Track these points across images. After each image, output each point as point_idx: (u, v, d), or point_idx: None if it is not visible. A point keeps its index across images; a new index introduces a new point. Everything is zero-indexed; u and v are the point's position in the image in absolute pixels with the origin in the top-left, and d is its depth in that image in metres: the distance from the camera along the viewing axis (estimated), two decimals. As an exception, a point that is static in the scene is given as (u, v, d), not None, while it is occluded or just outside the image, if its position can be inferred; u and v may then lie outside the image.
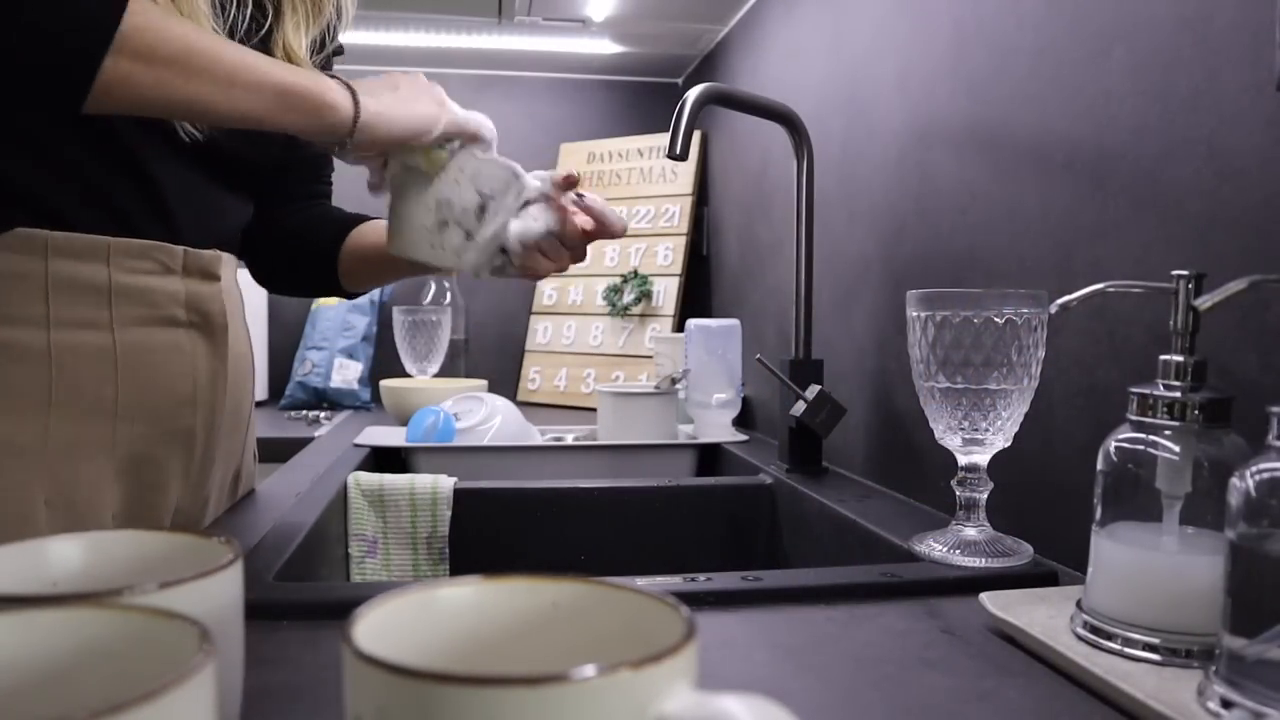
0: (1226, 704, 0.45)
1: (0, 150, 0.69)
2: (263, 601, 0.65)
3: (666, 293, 1.96)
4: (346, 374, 2.00)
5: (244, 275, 0.96)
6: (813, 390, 1.10)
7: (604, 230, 0.82)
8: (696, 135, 1.99)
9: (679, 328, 1.84)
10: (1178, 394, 0.54)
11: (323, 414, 1.90)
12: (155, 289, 0.77)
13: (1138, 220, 0.71)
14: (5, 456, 0.69)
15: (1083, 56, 0.77)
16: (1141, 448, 0.55)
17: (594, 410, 1.52)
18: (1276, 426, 0.45)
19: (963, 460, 0.75)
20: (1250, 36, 0.61)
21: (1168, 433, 0.54)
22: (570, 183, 0.80)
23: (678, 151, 1.01)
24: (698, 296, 2.02)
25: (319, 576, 0.93)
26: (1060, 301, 0.61)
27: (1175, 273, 0.56)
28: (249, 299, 0.96)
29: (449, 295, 2.05)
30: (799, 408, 1.10)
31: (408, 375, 1.89)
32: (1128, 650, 0.53)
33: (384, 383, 1.74)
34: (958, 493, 0.76)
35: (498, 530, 1.11)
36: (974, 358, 0.71)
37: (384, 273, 0.95)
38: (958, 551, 0.73)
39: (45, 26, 0.58)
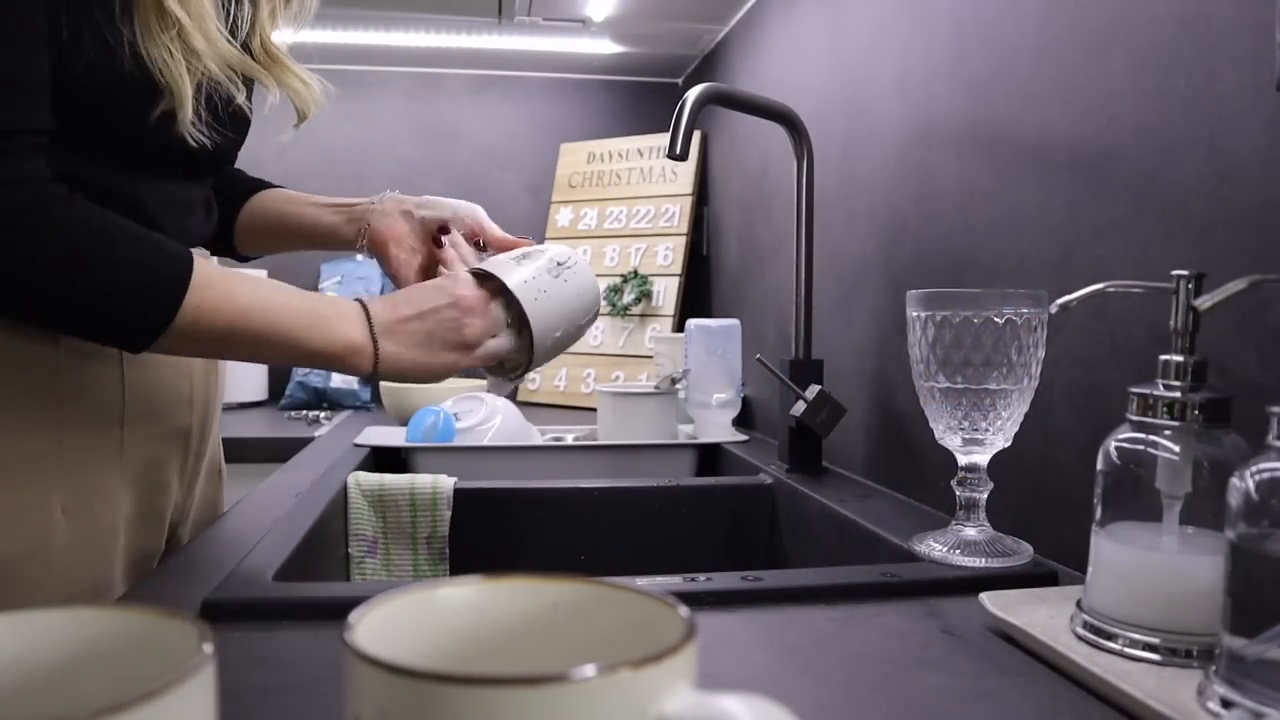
0: (1226, 704, 0.45)
1: None
2: (263, 601, 0.65)
3: (666, 293, 1.96)
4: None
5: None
6: (813, 390, 1.10)
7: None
8: (696, 135, 1.99)
9: (679, 328, 1.84)
10: (1178, 394, 0.54)
11: (323, 414, 1.90)
12: None
13: (1138, 220, 0.71)
14: (22, 467, 0.68)
15: (1083, 57, 0.77)
16: (1141, 448, 0.55)
17: (594, 410, 1.52)
18: (1276, 426, 0.45)
19: (963, 460, 0.75)
20: (1250, 36, 0.61)
21: (1168, 433, 0.54)
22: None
23: (678, 151, 1.01)
24: (698, 296, 2.02)
25: (319, 576, 0.93)
26: (1060, 301, 0.61)
27: (1175, 273, 0.56)
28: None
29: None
30: (799, 408, 1.10)
31: (408, 375, 1.89)
32: (1128, 650, 0.53)
33: (384, 383, 1.74)
34: (958, 493, 0.76)
35: (498, 530, 1.11)
36: (974, 358, 0.71)
37: (281, 242, 0.96)
38: (958, 551, 0.73)
39: (107, 307, 0.65)
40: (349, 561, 1.09)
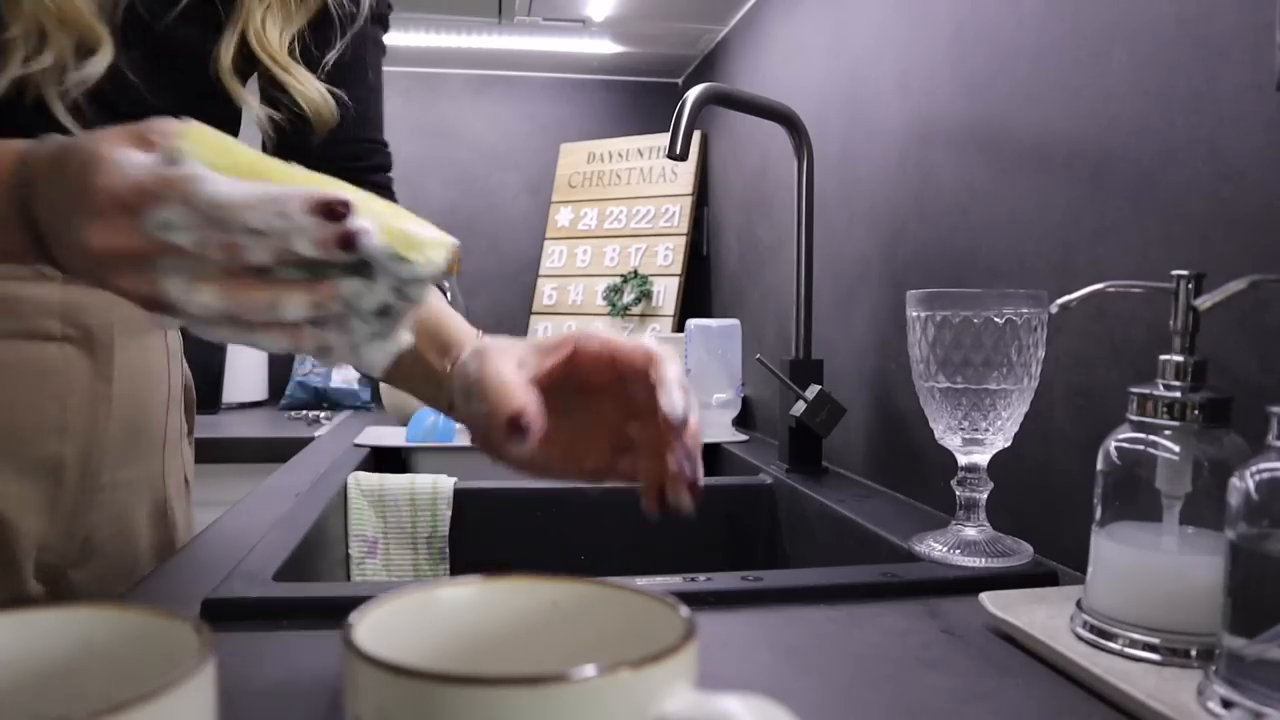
0: (1226, 704, 0.45)
1: None
2: (263, 601, 0.65)
3: (666, 293, 1.96)
4: (347, 373, 2.00)
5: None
6: (813, 390, 1.10)
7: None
8: (696, 135, 1.99)
9: (679, 328, 1.84)
10: (1178, 394, 0.54)
11: (323, 414, 1.90)
12: (22, 297, 0.68)
13: (1138, 220, 0.71)
14: None
15: (1083, 57, 0.77)
16: (1141, 448, 0.55)
17: (594, 410, 1.51)
18: (1276, 426, 0.45)
19: (963, 460, 0.75)
20: (1250, 36, 0.61)
21: (1168, 433, 0.54)
22: None
23: (678, 151, 1.01)
24: (698, 296, 2.02)
25: (319, 576, 0.93)
26: (1060, 301, 0.61)
27: (1175, 273, 0.56)
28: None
29: (449, 295, 2.05)
30: (799, 408, 1.10)
31: (408, 375, 1.89)
32: (1128, 650, 0.53)
33: (384, 383, 1.74)
34: (958, 493, 0.76)
35: (498, 530, 1.11)
36: (974, 358, 0.71)
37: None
38: (958, 551, 0.73)
39: None
40: (349, 561, 1.09)
